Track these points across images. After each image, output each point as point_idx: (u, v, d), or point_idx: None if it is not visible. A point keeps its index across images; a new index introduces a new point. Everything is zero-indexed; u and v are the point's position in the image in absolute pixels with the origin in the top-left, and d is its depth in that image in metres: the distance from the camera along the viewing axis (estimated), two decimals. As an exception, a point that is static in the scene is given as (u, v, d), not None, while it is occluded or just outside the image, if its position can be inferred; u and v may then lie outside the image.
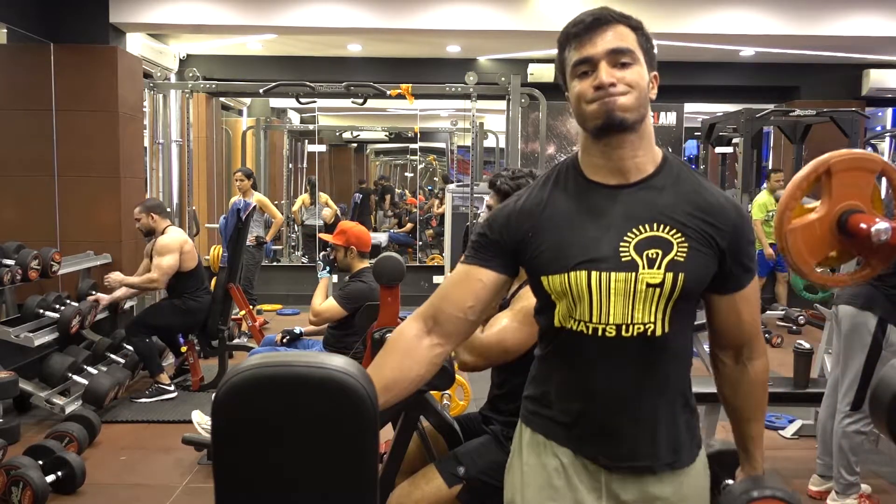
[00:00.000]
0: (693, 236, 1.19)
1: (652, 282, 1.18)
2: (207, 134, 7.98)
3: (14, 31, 5.16)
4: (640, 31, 1.22)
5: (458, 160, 11.41)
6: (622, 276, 1.18)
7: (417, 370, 1.31)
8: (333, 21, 5.81)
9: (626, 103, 1.18)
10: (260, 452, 1.08)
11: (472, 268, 1.30)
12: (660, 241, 1.19)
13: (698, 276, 1.20)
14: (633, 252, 1.19)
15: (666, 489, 1.25)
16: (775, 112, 6.49)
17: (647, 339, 1.20)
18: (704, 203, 1.22)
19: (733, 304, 1.28)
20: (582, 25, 1.20)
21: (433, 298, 1.34)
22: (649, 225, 1.19)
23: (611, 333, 1.20)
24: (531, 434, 1.33)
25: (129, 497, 3.30)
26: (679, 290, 1.18)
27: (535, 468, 1.31)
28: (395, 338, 1.34)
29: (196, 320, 4.76)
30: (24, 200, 5.30)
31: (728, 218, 1.22)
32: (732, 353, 1.34)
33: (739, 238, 1.23)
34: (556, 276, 1.21)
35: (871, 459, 3.60)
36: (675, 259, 1.18)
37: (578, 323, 1.22)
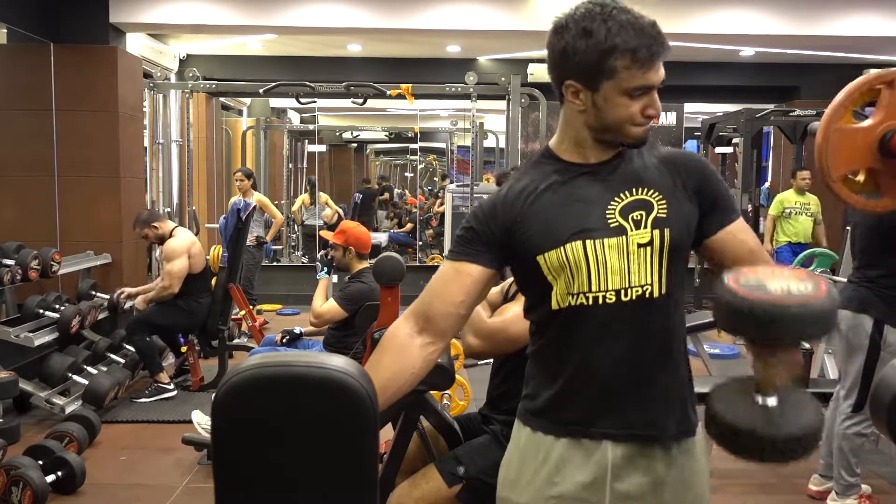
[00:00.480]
0: (668, 191, 1.26)
1: (641, 241, 1.23)
2: (207, 134, 7.98)
3: (14, 31, 5.16)
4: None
5: (458, 160, 11.41)
6: (614, 240, 1.23)
7: (412, 369, 1.31)
8: (333, 21, 5.81)
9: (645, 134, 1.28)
10: (260, 452, 1.08)
11: (461, 263, 1.31)
12: (641, 203, 1.25)
13: (682, 227, 1.26)
14: (619, 217, 1.24)
15: (671, 472, 1.26)
16: (775, 112, 6.49)
17: (646, 302, 1.24)
18: (667, 161, 1.30)
19: (731, 235, 1.31)
20: (647, 52, 1.21)
21: (423, 296, 1.34)
22: (629, 191, 1.26)
23: (611, 300, 1.23)
24: (529, 432, 1.33)
25: (129, 497, 3.30)
26: (668, 244, 1.24)
27: (532, 466, 1.31)
28: (388, 338, 1.34)
29: (196, 320, 4.76)
30: (24, 200, 5.30)
31: (689, 165, 1.30)
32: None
33: (702, 176, 1.29)
34: (553, 252, 1.24)
35: (871, 459, 3.60)
36: (658, 216, 1.24)
37: (577, 297, 1.25)
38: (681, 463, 1.28)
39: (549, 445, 1.29)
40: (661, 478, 1.26)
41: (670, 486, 1.27)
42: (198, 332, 4.87)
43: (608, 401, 1.26)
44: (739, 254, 1.30)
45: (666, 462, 1.27)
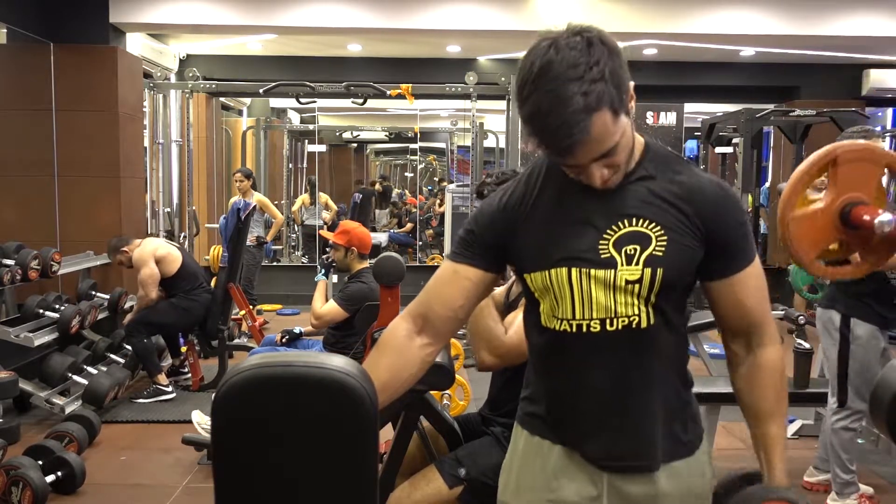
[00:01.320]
0: (673, 227, 1.18)
1: (630, 278, 1.17)
2: (207, 134, 7.98)
3: (14, 31, 5.16)
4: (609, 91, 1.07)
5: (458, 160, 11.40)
6: (601, 273, 1.18)
7: (410, 370, 1.31)
8: (333, 21, 5.81)
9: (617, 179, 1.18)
10: (260, 452, 1.08)
11: (461, 266, 1.29)
12: (638, 237, 1.17)
13: (679, 268, 1.18)
14: (612, 249, 1.18)
15: (669, 484, 1.23)
16: (775, 112, 6.49)
17: (633, 332, 1.18)
18: (683, 189, 1.19)
19: (729, 288, 1.23)
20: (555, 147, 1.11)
21: (422, 296, 1.32)
22: (628, 220, 1.18)
23: (595, 329, 1.19)
24: (527, 436, 1.32)
25: (129, 497, 3.30)
26: (658, 284, 1.17)
27: (531, 472, 1.30)
28: (386, 338, 1.32)
29: (194, 318, 4.75)
30: (24, 200, 5.30)
31: (707, 200, 1.19)
32: (742, 341, 1.29)
33: (722, 219, 1.20)
34: (538, 274, 1.21)
35: (871, 459, 3.60)
36: (653, 254, 1.16)
37: (561, 322, 1.21)
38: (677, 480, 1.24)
39: (546, 450, 1.28)
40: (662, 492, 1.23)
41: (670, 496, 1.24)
42: (197, 332, 4.87)
43: (595, 429, 1.23)
44: (730, 311, 1.25)
45: (667, 476, 1.23)
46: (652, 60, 7.64)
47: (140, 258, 4.60)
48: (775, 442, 1.28)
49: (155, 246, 4.74)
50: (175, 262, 4.69)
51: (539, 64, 1.08)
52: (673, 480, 1.24)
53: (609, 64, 1.08)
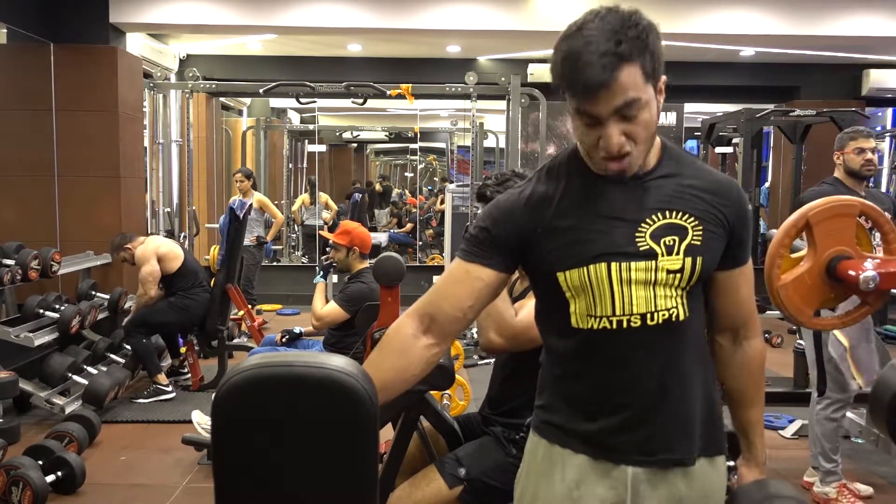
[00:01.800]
0: (706, 218, 1.21)
1: (672, 268, 1.18)
2: (207, 134, 7.98)
3: (14, 31, 5.16)
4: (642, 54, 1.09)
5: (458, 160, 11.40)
6: (642, 264, 1.18)
7: (413, 370, 1.28)
8: (333, 21, 5.81)
9: (635, 161, 1.16)
10: (260, 452, 1.08)
11: (473, 266, 1.25)
12: (675, 228, 1.19)
13: (714, 258, 1.22)
14: (650, 241, 1.18)
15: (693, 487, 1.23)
16: (775, 112, 6.49)
17: (672, 325, 1.20)
18: (709, 184, 1.23)
19: (734, 279, 1.28)
20: (580, 87, 1.09)
21: (431, 296, 1.29)
22: (662, 213, 1.19)
23: (636, 324, 1.19)
24: (546, 445, 1.29)
25: (129, 497, 3.30)
26: (698, 273, 1.20)
27: (550, 482, 1.27)
28: (390, 336, 1.30)
29: (192, 317, 4.75)
30: (24, 200, 5.30)
31: (731, 195, 1.25)
32: (730, 334, 1.34)
33: (742, 213, 1.25)
34: (575, 271, 1.19)
35: (871, 459, 3.60)
36: (692, 244, 1.19)
37: (600, 320, 1.20)
38: (703, 478, 1.25)
39: (566, 459, 1.25)
40: (682, 497, 1.23)
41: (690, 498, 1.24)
42: (197, 332, 4.87)
43: (628, 426, 1.21)
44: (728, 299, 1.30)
45: (687, 481, 1.23)
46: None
47: (142, 255, 4.62)
48: (756, 424, 1.39)
49: (158, 244, 4.76)
50: (177, 259, 4.71)
51: (580, 22, 1.11)
52: (696, 482, 1.24)
53: (649, 33, 1.11)
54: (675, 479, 1.23)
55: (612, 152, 1.13)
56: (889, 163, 9.55)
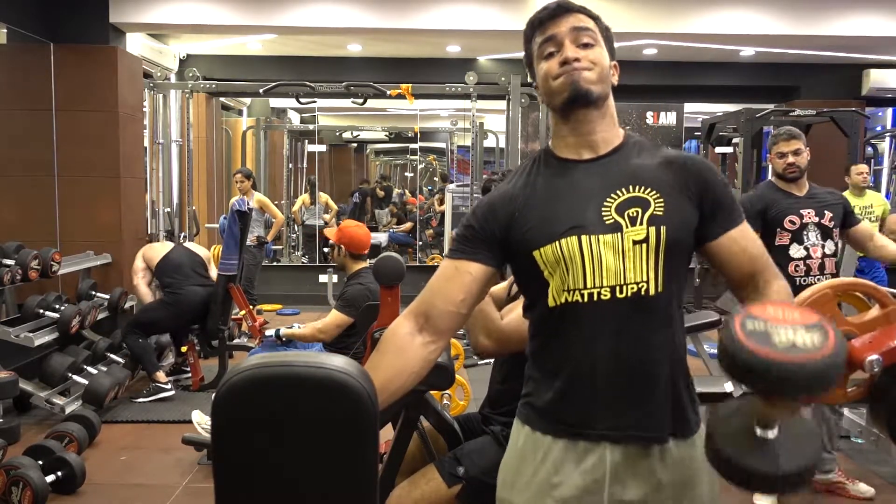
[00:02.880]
0: (666, 190, 1.26)
1: (637, 238, 1.23)
2: (207, 134, 7.98)
3: (14, 31, 5.16)
4: (599, 21, 1.33)
5: (458, 160, 11.41)
6: (609, 237, 1.23)
7: (412, 368, 1.31)
8: (333, 21, 5.81)
9: (590, 77, 1.27)
10: (260, 452, 1.08)
11: (461, 262, 1.32)
12: (638, 201, 1.25)
13: (680, 226, 1.25)
14: (615, 214, 1.24)
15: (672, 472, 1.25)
16: (775, 112, 6.50)
17: (642, 300, 1.23)
18: (668, 159, 1.31)
19: (734, 242, 1.30)
20: (546, 12, 1.31)
21: (423, 295, 1.34)
22: (625, 188, 1.26)
23: (606, 296, 1.23)
24: (528, 432, 1.32)
25: (129, 497, 3.30)
26: (664, 241, 1.23)
27: (530, 466, 1.30)
28: (388, 337, 1.33)
29: (183, 312, 4.71)
30: (24, 200, 5.30)
31: (690, 165, 1.30)
32: (751, 286, 1.33)
33: (709, 179, 1.29)
34: (549, 247, 1.25)
35: (871, 459, 3.60)
36: (654, 214, 1.24)
37: (573, 293, 1.24)
38: (681, 463, 1.26)
39: (547, 445, 1.29)
40: (660, 481, 1.25)
41: (669, 487, 1.25)
42: (198, 332, 4.87)
43: (605, 400, 1.24)
44: (740, 261, 1.30)
45: (665, 464, 1.25)
46: (652, 60, 7.64)
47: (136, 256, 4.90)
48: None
49: (149, 245, 5.03)
50: (158, 253, 4.81)
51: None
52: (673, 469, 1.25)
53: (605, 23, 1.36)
54: (653, 463, 1.25)
55: (569, 56, 1.27)
56: (889, 163, 9.55)
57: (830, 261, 3.01)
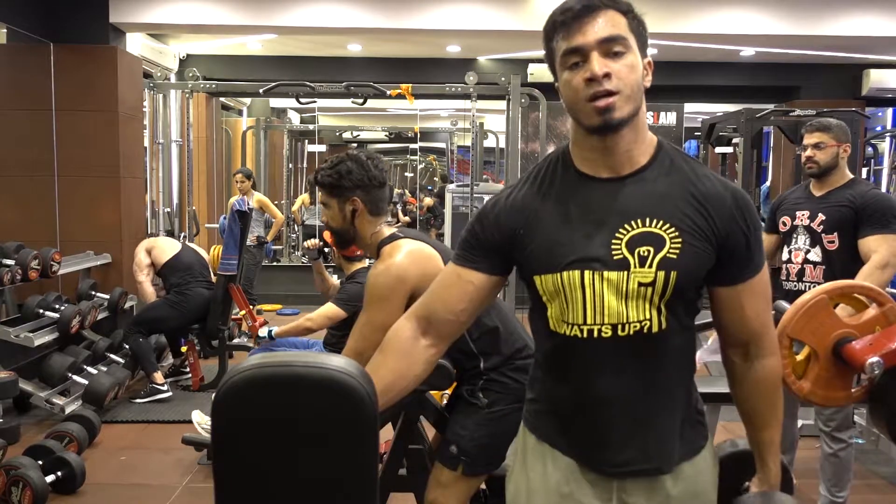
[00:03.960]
0: (686, 229, 1.15)
1: (643, 281, 1.14)
2: (207, 134, 7.98)
3: (14, 31, 5.15)
4: (632, 14, 1.15)
5: (458, 160, 11.41)
6: (614, 275, 1.14)
7: (414, 371, 1.30)
8: (333, 21, 5.81)
9: (621, 102, 1.12)
10: (260, 452, 1.08)
11: (463, 270, 1.27)
12: (652, 238, 1.14)
13: (691, 273, 1.16)
14: (624, 250, 1.14)
15: (678, 487, 1.22)
16: (775, 112, 6.48)
17: (644, 337, 1.16)
18: (699, 193, 1.17)
19: (735, 296, 1.22)
20: (570, 13, 1.13)
21: (426, 298, 1.32)
22: (641, 220, 1.15)
23: (606, 334, 1.16)
24: (535, 440, 1.29)
25: (129, 497, 3.30)
26: (671, 288, 1.14)
27: (540, 475, 1.27)
28: (390, 339, 1.32)
29: (187, 312, 4.70)
30: (24, 200, 5.30)
31: (724, 206, 1.17)
32: (741, 350, 1.28)
33: (738, 226, 1.17)
34: (549, 276, 1.17)
35: (871, 459, 3.60)
36: (667, 256, 1.13)
37: (572, 327, 1.17)
38: (690, 478, 1.23)
39: (554, 456, 1.26)
40: (669, 495, 1.22)
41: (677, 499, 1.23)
42: (198, 332, 4.87)
43: (604, 437, 1.20)
44: (732, 316, 1.24)
45: (673, 479, 1.22)
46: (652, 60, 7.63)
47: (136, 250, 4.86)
48: (770, 444, 1.31)
49: (152, 240, 4.99)
50: (166, 251, 4.78)
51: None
52: (681, 484, 1.23)
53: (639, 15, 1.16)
54: (659, 483, 1.22)
55: (597, 74, 1.11)
56: (889, 163, 9.55)
57: (813, 268, 2.74)
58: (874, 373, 1.69)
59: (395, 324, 1.34)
